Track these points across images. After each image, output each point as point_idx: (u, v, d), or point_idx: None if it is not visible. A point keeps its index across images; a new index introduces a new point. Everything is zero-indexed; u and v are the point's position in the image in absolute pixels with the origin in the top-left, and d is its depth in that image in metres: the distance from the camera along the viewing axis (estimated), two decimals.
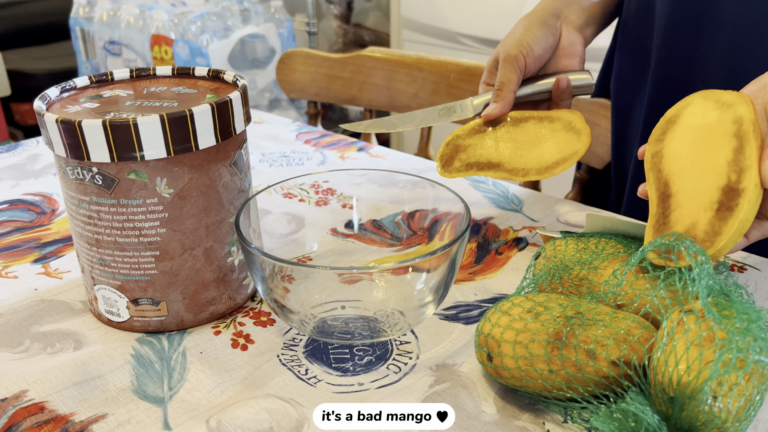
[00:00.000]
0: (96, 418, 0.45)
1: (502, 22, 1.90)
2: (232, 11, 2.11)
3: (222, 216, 0.53)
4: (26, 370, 0.49)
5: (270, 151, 0.92)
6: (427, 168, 0.86)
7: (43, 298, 0.58)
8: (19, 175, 0.85)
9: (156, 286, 0.52)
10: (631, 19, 0.78)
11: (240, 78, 0.55)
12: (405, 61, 1.09)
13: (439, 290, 0.50)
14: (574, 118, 0.66)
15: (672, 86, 0.72)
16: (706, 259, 0.44)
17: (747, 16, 0.65)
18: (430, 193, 0.57)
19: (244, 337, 0.53)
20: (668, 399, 0.38)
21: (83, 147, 0.47)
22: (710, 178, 0.47)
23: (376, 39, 2.65)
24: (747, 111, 0.48)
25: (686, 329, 0.40)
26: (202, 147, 0.49)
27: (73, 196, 0.50)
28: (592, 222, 0.55)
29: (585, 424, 0.44)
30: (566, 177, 1.16)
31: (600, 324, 0.43)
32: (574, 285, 0.50)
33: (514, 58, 0.67)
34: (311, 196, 0.67)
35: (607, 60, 0.89)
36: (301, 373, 0.49)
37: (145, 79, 0.58)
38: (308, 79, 1.20)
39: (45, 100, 0.52)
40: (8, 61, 2.51)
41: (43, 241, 0.68)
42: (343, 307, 0.54)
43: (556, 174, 0.64)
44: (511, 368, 0.43)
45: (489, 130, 0.67)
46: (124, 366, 0.50)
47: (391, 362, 0.50)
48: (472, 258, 0.64)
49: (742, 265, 0.62)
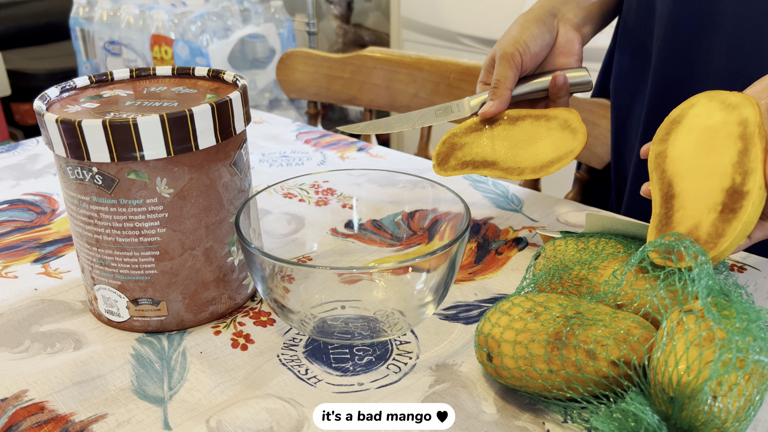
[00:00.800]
0: (96, 418, 0.45)
1: (502, 22, 1.90)
2: (232, 11, 2.11)
3: (222, 216, 0.53)
4: (26, 370, 0.49)
5: (270, 151, 0.92)
6: (427, 168, 0.86)
7: (43, 298, 0.58)
8: (19, 175, 0.85)
9: (156, 286, 0.52)
10: (631, 18, 0.78)
11: (240, 78, 0.55)
12: (405, 61, 1.09)
13: (439, 290, 0.50)
14: (571, 116, 0.65)
15: (672, 86, 0.72)
16: (706, 259, 0.44)
17: (748, 17, 0.65)
18: (430, 193, 0.57)
19: (244, 337, 0.53)
20: (668, 399, 0.38)
21: (83, 147, 0.47)
22: (714, 180, 0.47)
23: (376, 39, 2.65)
24: (752, 113, 0.48)
25: (686, 329, 0.40)
26: (202, 147, 0.49)
27: (73, 196, 0.50)
28: (592, 222, 0.55)
29: (585, 424, 0.44)
30: (566, 177, 1.16)
31: (600, 324, 0.43)
32: (574, 285, 0.50)
33: (510, 55, 0.66)
34: (311, 196, 0.67)
35: (606, 60, 0.89)
36: (301, 373, 0.49)
37: (145, 79, 0.58)
38: (308, 79, 1.20)
39: (45, 100, 0.52)
40: (8, 61, 2.51)
41: (43, 241, 0.68)
42: (343, 307, 0.54)
43: (551, 173, 0.63)
44: (511, 368, 0.43)
45: (485, 129, 0.67)
46: (124, 366, 0.50)
47: (391, 362, 0.50)
48: (472, 258, 0.64)
49: (742, 265, 0.62)
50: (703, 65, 0.69)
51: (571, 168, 0.99)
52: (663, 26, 0.72)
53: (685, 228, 0.47)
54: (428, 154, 1.11)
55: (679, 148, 0.51)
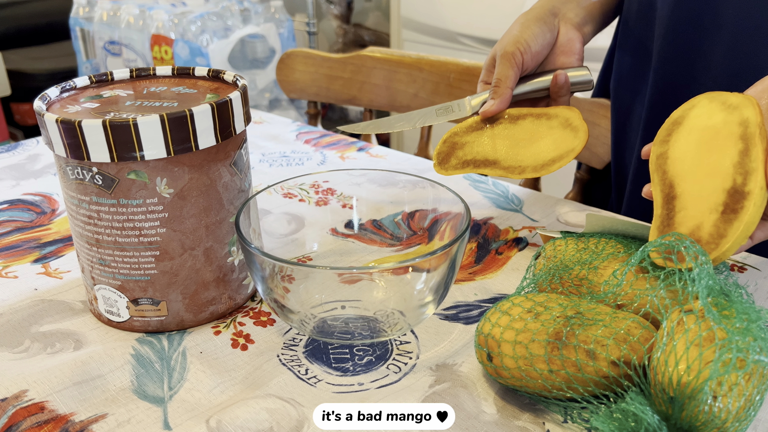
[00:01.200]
0: (96, 418, 0.45)
1: (502, 22, 1.90)
2: (232, 11, 2.11)
3: (222, 216, 0.53)
4: (26, 370, 0.49)
5: (270, 151, 0.92)
6: (427, 168, 0.86)
7: (43, 298, 0.58)
8: (19, 175, 0.85)
9: (156, 286, 0.52)
10: (631, 19, 0.78)
11: (240, 78, 0.55)
12: (405, 61, 1.09)
13: (439, 290, 0.50)
14: (572, 114, 0.65)
15: (673, 87, 0.72)
16: (707, 259, 0.44)
17: (748, 17, 0.65)
18: (430, 193, 0.57)
19: (244, 337, 0.53)
20: (668, 399, 0.38)
21: (83, 147, 0.47)
22: (716, 180, 0.47)
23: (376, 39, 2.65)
24: (753, 113, 0.48)
25: (686, 329, 0.40)
26: (202, 147, 0.49)
27: (73, 196, 0.50)
28: (592, 222, 0.55)
29: (585, 424, 0.44)
30: (566, 177, 1.16)
31: (600, 324, 0.43)
32: (574, 285, 0.50)
33: (511, 54, 0.66)
34: (311, 196, 0.67)
35: (607, 60, 0.89)
36: (301, 373, 0.49)
37: (145, 79, 0.58)
38: (308, 79, 1.20)
39: (45, 100, 0.52)
40: (8, 61, 2.52)
41: (43, 241, 0.68)
42: (343, 307, 0.54)
43: (552, 171, 0.63)
44: (511, 368, 0.43)
45: (486, 128, 0.67)
46: (124, 366, 0.50)
47: (391, 362, 0.50)
48: (472, 258, 0.64)
49: (742, 265, 0.62)
50: (703, 65, 0.69)
51: (572, 168, 0.99)
52: (663, 26, 0.72)
53: (686, 229, 0.47)
54: (428, 154, 1.11)
55: (680, 149, 0.51)
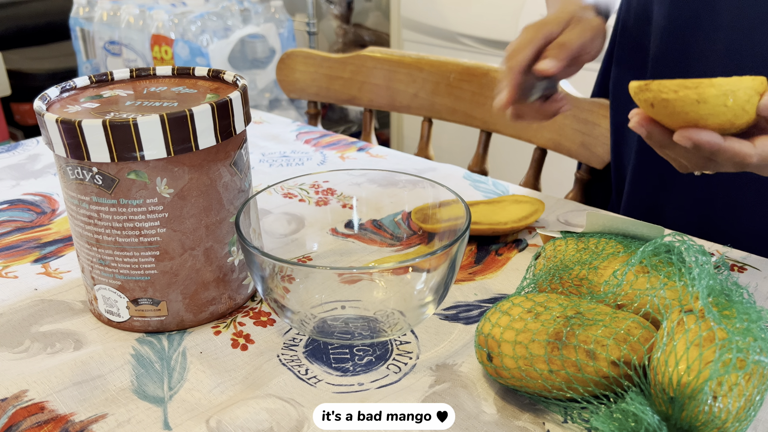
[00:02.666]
0: (96, 418, 0.45)
1: (502, 22, 1.90)
2: (232, 11, 2.11)
3: (222, 216, 0.53)
4: (26, 370, 0.49)
5: (270, 151, 0.92)
6: (427, 168, 0.86)
7: (43, 298, 0.58)
8: (19, 175, 0.85)
9: (156, 286, 0.52)
10: (629, 20, 0.78)
11: (240, 78, 0.55)
12: (405, 61, 1.09)
13: (439, 290, 0.50)
14: (516, 197, 0.72)
15: None
16: (707, 259, 0.44)
17: (745, 18, 0.65)
18: (430, 193, 0.57)
19: (244, 337, 0.53)
20: (668, 399, 0.38)
21: (83, 147, 0.47)
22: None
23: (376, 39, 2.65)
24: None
25: (686, 329, 0.40)
26: (202, 147, 0.49)
27: (73, 196, 0.50)
28: (592, 221, 0.55)
29: (585, 424, 0.44)
30: (566, 177, 1.16)
31: (600, 324, 0.43)
32: (574, 285, 0.50)
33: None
34: (311, 196, 0.67)
35: (606, 60, 0.89)
36: (301, 373, 0.49)
37: (145, 79, 0.58)
38: (308, 79, 1.20)
39: (45, 100, 0.52)
40: (8, 61, 2.51)
41: (43, 241, 0.68)
42: (343, 307, 0.54)
43: (531, 223, 0.68)
44: (511, 368, 0.43)
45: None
46: (124, 366, 0.50)
47: (391, 362, 0.50)
48: (472, 258, 0.64)
49: (742, 265, 0.62)
50: (700, 66, 0.69)
51: (572, 168, 0.99)
52: (660, 28, 0.72)
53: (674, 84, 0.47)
54: (428, 154, 1.11)
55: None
